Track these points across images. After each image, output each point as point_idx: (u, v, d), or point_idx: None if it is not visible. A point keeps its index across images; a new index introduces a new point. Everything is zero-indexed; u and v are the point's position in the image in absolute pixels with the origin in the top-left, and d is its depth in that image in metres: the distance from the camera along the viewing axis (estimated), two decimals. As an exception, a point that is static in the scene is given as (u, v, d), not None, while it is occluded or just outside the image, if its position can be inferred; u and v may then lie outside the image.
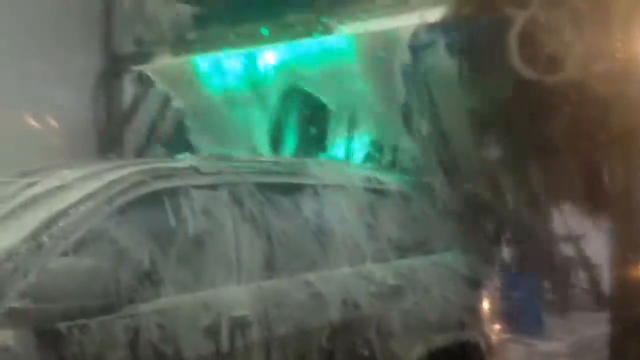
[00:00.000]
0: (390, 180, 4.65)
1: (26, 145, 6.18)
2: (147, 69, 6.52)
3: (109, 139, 6.77)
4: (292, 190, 4.00)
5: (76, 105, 6.77)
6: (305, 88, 5.54)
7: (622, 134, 4.61)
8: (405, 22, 5.07)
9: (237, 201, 3.68)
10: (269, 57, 5.65)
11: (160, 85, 6.43)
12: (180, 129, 6.39)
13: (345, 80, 5.40)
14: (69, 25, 6.87)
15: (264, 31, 5.64)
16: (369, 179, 4.50)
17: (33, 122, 6.62)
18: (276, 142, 5.73)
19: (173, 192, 3.46)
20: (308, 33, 5.36)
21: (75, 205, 3.17)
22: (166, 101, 6.54)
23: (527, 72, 4.59)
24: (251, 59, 5.77)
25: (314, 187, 4.09)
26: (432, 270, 4.41)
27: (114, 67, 6.86)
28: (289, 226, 3.85)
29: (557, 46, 4.57)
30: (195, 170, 3.66)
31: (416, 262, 4.38)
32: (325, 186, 4.16)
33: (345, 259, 4.03)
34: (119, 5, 6.85)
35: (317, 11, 5.37)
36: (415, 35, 4.94)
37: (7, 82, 6.33)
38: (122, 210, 3.25)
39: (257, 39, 5.69)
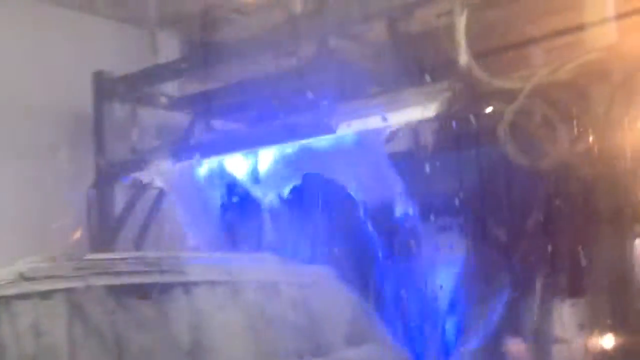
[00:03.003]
0: (302, 272, 4.29)
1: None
2: (142, 175, 6.80)
3: (101, 243, 6.91)
4: (156, 291, 3.37)
5: (70, 212, 6.98)
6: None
7: (606, 213, 5.02)
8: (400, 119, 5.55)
9: (77, 311, 3.07)
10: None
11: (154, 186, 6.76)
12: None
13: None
14: (62, 133, 7.19)
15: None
16: (270, 271, 4.02)
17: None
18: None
19: None
20: (311, 133, 5.74)
21: None
22: (159, 198, 6.86)
23: (520, 159, 5.07)
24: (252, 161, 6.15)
25: (185, 286, 3.46)
26: None
27: (107, 174, 7.08)
28: (147, 338, 3.20)
29: (543, 133, 5.09)
30: (21, 275, 3.10)
31: None
32: (202, 284, 3.55)
33: None
34: (110, 115, 7.15)
35: (319, 111, 5.76)
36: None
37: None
38: None
39: (259, 141, 6.04)
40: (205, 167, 6.40)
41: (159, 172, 6.73)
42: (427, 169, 5.51)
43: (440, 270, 5.64)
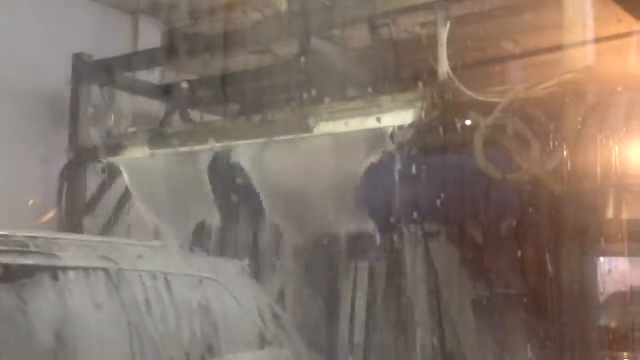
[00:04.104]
0: (202, 265, 4.08)
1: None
2: (114, 160, 6.80)
3: (69, 227, 6.89)
4: (18, 273, 3.04)
5: (39, 194, 6.96)
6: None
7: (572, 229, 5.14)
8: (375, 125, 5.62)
9: None
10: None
11: (125, 177, 6.74)
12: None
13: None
14: (36, 116, 7.16)
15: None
16: (160, 262, 3.78)
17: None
18: None
19: None
20: (286, 131, 5.78)
21: None
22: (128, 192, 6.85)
23: (492, 171, 5.17)
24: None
25: (53, 271, 3.15)
26: None
27: (79, 157, 7.06)
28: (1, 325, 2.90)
29: (516, 148, 5.20)
30: None
31: None
32: (74, 269, 3.24)
33: None
34: (87, 98, 7.13)
35: (296, 109, 5.81)
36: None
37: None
38: None
39: (233, 135, 6.07)
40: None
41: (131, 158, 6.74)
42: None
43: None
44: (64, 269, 3.21)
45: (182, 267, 3.87)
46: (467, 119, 5.31)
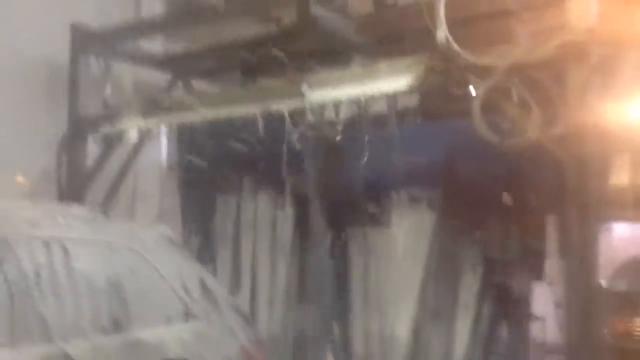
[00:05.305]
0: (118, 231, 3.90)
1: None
2: (113, 130, 6.71)
3: (70, 198, 6.82)
4: None
5: (40, 165, 6.90)
6: None
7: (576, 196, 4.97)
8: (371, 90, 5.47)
9: None
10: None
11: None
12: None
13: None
14: (35, 86, 7.07)
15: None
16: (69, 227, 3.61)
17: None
18: None
19: None
20: (282, 98, 5.65)
21: None
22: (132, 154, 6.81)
23: (490, 137, 5.00)
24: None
25: None
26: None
27: (79, 128, 6.98)
28: None
29: (516, 112, 5.03)
30: None
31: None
32: None
33: None
34: (86, 68, 7.03)
35: (289, 76, 5.67)
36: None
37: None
38: None
39: (227, 103, 5.95)
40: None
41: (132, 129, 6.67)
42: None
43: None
44: None
45: (87, 234, 3.62)
46: (467, 83, 5.13)
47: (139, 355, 3.60)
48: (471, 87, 5.08)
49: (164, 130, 7.24)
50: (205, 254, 6.78)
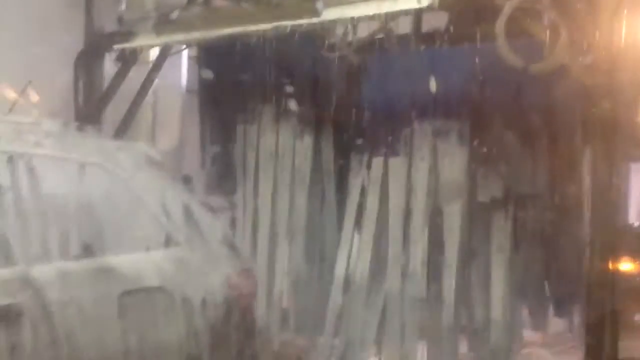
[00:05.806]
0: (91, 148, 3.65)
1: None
2: (129, 47, 6.48)
3: (87, 116, 6.67)
4: None
5: (56, 83, 6.71)
6: None
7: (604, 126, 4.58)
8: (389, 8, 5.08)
9: None
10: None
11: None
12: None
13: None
14: (50, 3, 6.85)
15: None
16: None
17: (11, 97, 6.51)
18: None
19: None
20: (295, 15, 5.31)
21: None
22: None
23: (513, 60, 4.60)
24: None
25: None
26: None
27: (95, 45, 6.77)
28: None
29: (543, 36, 4.61)
30: None
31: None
32: None
33: None
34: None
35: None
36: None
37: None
38: None
39: (241, 20, 5.64)
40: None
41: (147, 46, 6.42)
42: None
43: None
44: None
45: (58, 151, 3.41)
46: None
47: (111, 282, 3.42)
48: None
49: (184, 53, 7.00)
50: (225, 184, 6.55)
